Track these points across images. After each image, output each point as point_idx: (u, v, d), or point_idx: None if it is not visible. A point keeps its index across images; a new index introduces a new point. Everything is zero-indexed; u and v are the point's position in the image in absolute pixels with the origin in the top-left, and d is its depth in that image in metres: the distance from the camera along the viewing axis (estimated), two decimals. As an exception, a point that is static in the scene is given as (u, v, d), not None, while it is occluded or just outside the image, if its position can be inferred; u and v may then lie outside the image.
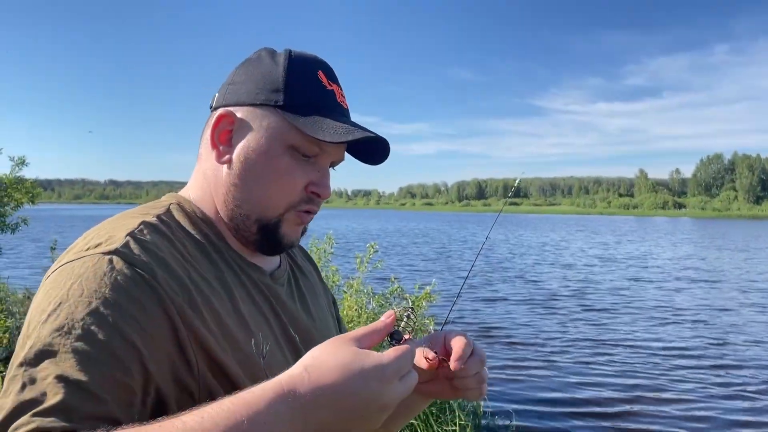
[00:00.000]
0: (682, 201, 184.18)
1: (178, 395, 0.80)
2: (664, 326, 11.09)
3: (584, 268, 21.52)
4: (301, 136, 0.95)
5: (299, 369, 0.73)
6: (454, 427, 4.89)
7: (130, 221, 0.90)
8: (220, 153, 0.99)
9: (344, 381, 0.71)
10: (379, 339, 0.81)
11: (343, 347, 0.75)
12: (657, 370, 8.20)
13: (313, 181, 0.99)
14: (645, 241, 38.61)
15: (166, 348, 0.80)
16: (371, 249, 5.93)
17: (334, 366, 0.72)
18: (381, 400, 0.73)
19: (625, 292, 15.38)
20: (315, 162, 0.99)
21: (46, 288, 0.81)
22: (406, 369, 0.77)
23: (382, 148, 1.04)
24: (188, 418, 0.67)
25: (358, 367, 0.73)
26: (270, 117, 0.96)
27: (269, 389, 0.70)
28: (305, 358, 0.75)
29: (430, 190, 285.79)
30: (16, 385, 0.70)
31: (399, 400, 0.76)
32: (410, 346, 0.79)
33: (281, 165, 0.96)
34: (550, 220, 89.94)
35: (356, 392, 0.72)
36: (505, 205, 2.07)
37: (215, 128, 0.99)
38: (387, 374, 0.74)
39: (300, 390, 0.70)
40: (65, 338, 0.73)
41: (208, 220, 1.00)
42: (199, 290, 0.87)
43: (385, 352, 0.77)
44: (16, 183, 7.93)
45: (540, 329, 10.68)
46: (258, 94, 0.97)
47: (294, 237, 1.03)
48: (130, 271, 0.80)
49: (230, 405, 0.68)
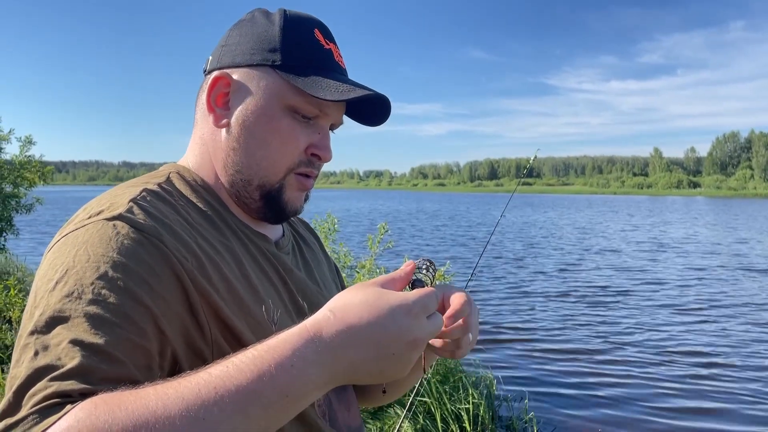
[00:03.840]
0: (697, 180, 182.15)
1: (192, 361, 0.78)
2: (696, 318, 10.98)
3: (609, 249, 21.39)
4: (300, 97, 0.93)
5: (324, 311, 0.72)
6: (468, 405, 4.92)
7: (131, 189, 0.88)
8: (218, 117, 0.97)
9: (370, 317, 0.70)
10: (401, 286, 0.80)
11: (366, 288, 0.74)
12: (669, 359, 8.16)
13: (314, 143, 0.96)
14: (686, 222, 38.04)
15: (178, 311, 0.78)
16: (382, 229, 5.93)
17: (359, 303, 0.71)
18: (410, 334, 0.71)
19: (639, 273, 15.23)
20: (315, 124, 0.97)
21: (49, 259, 0.79)
22: (432, 309, 0.76)
23: (384, 107, 1.00)
24: (213, 369, 0.66)
25: (384, 302, 0.72)
26: (267, 77, 0.94)
27: (294, 333, 0.69)
28: (329, 302, 0.74)
29: (442, 171, 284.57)
30: (29, 353, 0.68)
31: (429, 338, 0.75)
32: (435, 290, 0.78)
33: (281, 126, 0.94)
34: (569, 200, 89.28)
35: (384, 326, 0.70)
36: (519, 185, 2.05)
37: (211, 91, 0.96)
38: (413, 309, 0.72)
39: (326, 331, 0.69)
40: (76, 303, 0.71)
41: (209, 188, 0.98)
42: (207, 256, 0.85)
43: (409, 292, 0.76)
44: (27, 163, 7.98)
45: (559, 312, 10.63)
46: (254, 54, 0.94)
47: (298, 204, 1.01)
48: (136, 234, 0.78)
49: (255, 352, 0.67)
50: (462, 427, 4.83)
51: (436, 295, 0.77)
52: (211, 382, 0.64)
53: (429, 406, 4.89)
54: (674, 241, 24.03)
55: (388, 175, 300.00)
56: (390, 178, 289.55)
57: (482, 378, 5.66)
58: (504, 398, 5.81)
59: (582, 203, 75.91)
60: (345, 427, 1.03)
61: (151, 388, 0.64)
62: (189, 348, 0.78)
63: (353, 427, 1.06)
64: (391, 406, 4.77)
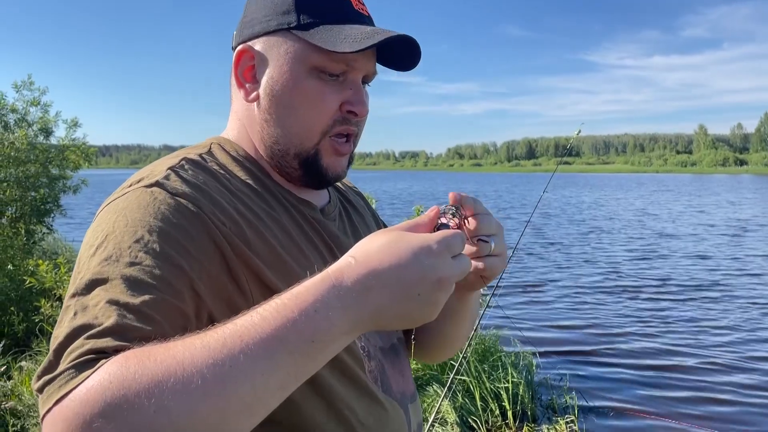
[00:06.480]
0: (743, 157, 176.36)
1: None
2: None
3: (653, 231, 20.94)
4: (322, 54, 0.90)
5: (346, 257, 0.71)
6: (507, 384, 4.90)
7: (172, 159, 0.90)
8: (248, 91, 0.96)
9: (392, 259, 0.69)
10: (425, 231, 0.77)
11: (388, 233, 0.73)
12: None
13: (347, 99, 0.94)
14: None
15: (215, 274, 0.80)
16: (417, 212, 5.92)
17: (379, 247, 0.70)
18: (434, 273, 0.69)
19: (706, 262, 14.67)
20: (345, 80, 0.94)
21: (93, 226, 0.82)
22: (457, 249, 0.73)
23: (413, 49, 0.95)
24: (238, 320, 0.66)
25: (405, 243, 0.70)
26: (287, 42, 0.92)
27: (317, 280, 0.69)
28: (351, 249, 0.73)
29: (479, 151, 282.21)
30: (69, 313, 0.71)
31: (456, 278, 0.72)
32: (460, 231, 0.76)
33: (307, 89, 0.92)
34: (615, 179, 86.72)
35: (406, 267, 0.69)
36: (560, 164, 2.01)
37: (237, 67, 0.96)
38: (436, 249, 0.70)
39: (347, 276, 0.68)
40: (114, 266, 0.73)
41: (250, 158, 0.98)
42: (247, 221, 0.86)
43: (431, 234, 0.74)
44: (72, 145, 8.19)
45: (610, 295, 10.47)
46: (270, 20, 0.93)
47: (339, 168, 0.99)
48: (172, 200, 0.80)
49: (279, 300, 0.68)
50: (501, 406, 4.82)
51: (462, 237, 0.75)
52: (236, 331, 0.65)
53: (468, 385, 4.89)
54: (751, 223, 21.84)
55: (424, 155, 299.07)
56: (426, 159, 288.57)
57: (521, 356, 5.63)
58: (543, 379, 5.78)
59: (629, 182, 74.06)
60: (398, 393, 1.02)
61: (180, 340, 0.65)
62: (232, 312, 0.78)
63: (407, 394, 1.06)
64: (430, 384, 4.80)
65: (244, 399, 0.63)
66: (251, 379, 0.63)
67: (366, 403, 0.93)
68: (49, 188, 7.93)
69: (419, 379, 4.87)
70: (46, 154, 7.82)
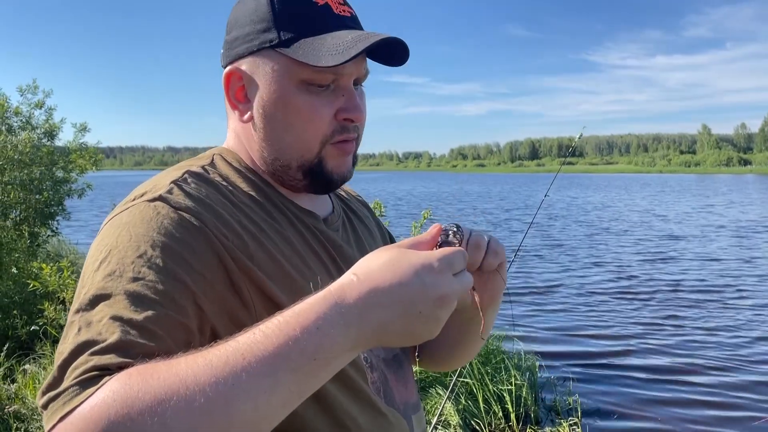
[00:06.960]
0: (747, 157, 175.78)
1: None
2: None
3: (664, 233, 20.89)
4: (308, 68, 0.89)
5: (348, 275, 0.72)
6: (510, 386, 4.90)
7: (175, 172, 0.91)
8: (242, 112, 0.96)
9: (393, 276, 0.70)
10: (426, 249, 0.78)
11: (390, 250, 0.74)
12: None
13: (341, 106, 0.93)
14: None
15: (218, 289, 0.80)
16: (425, 217, 5.90)
17: (381, 264, 0.71)
18: (435, 291, 0.70)
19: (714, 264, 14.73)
20: (336, 87, 0.93)
21: (97, 241, 0.83)
22: (458, 267, 0.74)
23: (399, 46, 0.94)
24: (240, 337, 0.67)
25: (406, 261, 0.71)
26: (271, 60, 0.91)
27: (320, 297, 0.69)
28: (353, 266, 0.73)
29: (482, 151, 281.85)
30: (74, 329, 0.71)
31: (457, 295, 0.73)
32: (462, 249, 0.77)
33: (300, 104, 0.91)
34: (619, 180, 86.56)
35: (407, 284, 0.69)
36: (563, 164, 2.01)
37: (228, 89, 0.96)
38: (437, 266, 0.71)
39: (349, 293, 0.69)
40: (117, 281, 0.74)
41: (252, 169, 0.98)
42: (250, 234, 0.86)
43: (433, 251, 0.75)
44: (80, 149, 8.20)
45: (613, 296, 10.46)
46: (252, 40, 0.92)
47: (344, 169, 0.98)
48: (175, 215, 0.81)
49: (281, 318, 0.68)
50: (504, 408, 4.82)
51: (464, 255, 0.76)
52: (238, 349, 0.65)
53: (471, 387, 4.88)
54: (759, 225, 21.46)
55: (427, 156, 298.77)
56: (429, 160, 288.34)
57: (524, 358, 5.62)
58: (546, 381, 5.76)
59: (634, 182, 73.76)
60: (401, 404, 1.03)
61: (183, 357, 0.66)
62: (236, 326, 0.79)
63: (410, 404, 1.06)
64: (433, 386, 4.79)
65: (246, 417, 0.64)
66: (254, 397, 0.64)
67: (369, 414, 0.94)
68: (53, 191, 7.94)
69: (422, 381, 4.87)
70: (50, 156, 7.83)
